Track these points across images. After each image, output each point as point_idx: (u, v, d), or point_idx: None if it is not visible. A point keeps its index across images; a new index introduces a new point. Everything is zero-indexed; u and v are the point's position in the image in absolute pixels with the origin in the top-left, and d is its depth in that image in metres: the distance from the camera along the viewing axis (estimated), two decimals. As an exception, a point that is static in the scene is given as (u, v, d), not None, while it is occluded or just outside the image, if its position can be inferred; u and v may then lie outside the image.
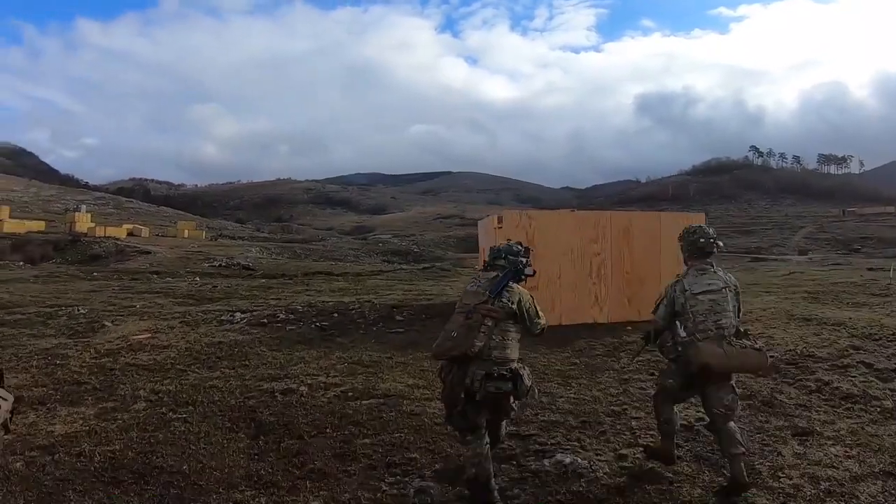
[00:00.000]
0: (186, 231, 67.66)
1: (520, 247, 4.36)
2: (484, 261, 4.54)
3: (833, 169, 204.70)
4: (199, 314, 10.91)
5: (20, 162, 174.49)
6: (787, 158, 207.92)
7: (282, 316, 10.66)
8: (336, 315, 11.01)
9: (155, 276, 23.61)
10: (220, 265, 37.72)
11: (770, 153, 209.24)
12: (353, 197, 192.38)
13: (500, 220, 10.61)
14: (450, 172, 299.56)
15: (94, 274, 24.82)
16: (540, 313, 4.15)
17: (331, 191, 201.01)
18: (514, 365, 3.96)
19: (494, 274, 4.19)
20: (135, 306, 12.09)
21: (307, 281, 19.96)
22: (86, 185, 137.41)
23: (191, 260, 43.72)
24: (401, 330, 9.93)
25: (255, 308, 11.58)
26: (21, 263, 32.87)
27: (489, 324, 3.87)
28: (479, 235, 14.24)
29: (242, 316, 10.67)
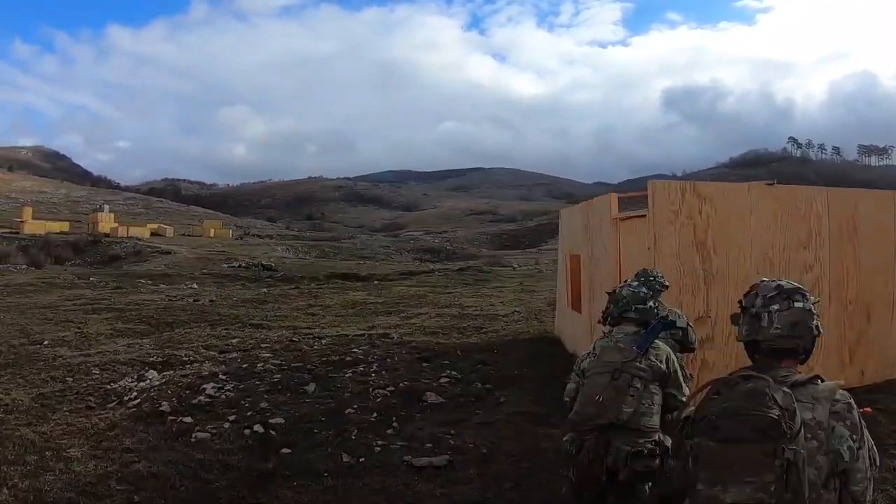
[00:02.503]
0: (212, 230, 65.82)
1: (656, 283, 3.82)
2: (605, 311, 3.57)
3: (874, 160, 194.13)
4: (94, 375, 6.82)
5: (55, 165, 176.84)
6: (825, 150, 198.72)
7: (209, 391, 6.07)
8: (313, 386, 6.50)
9: (148, 281, 20.32)
10: (239, 266, 34.87)
11: (809, 144, 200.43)
12: (385, 194, 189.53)
13: (625, 206, 6.04)
14: (481, 168, 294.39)
15: (91, 279, 21.53)
16: (685, 382, 3.34)
17: (362, 188, 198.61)
18: (659, 436, 3.11)
19: (635, 330, 3.31)
20: (41, 343, 8.43)
21: (317, 291, 16.26)
22: (117, 186, 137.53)
23: (210, 261, 40.83)
24: (432, 454, 4.81)
25: (195, 356, 7.47)
26: (24, 267, 30.66)
27: (638, 386, 3.13)
28: (561, 234, 9.65)
29: (145, 388, 6.31)
